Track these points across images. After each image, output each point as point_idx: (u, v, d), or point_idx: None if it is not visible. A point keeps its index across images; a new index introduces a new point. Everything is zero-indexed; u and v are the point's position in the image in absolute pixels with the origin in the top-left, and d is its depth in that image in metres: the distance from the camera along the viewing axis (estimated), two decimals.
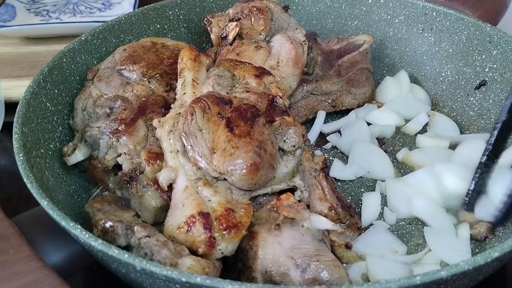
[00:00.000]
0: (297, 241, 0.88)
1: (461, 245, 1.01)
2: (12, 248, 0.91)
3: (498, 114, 1.25)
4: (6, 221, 0.97)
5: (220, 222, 0.86)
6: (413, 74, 1.47)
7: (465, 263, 0.74)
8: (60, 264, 1.05)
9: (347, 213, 1.01)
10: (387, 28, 1.49)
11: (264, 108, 1.03)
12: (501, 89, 1.27)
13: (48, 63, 1.16)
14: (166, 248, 0.83)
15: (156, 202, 0.97)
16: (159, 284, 0.77)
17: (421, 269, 0.97)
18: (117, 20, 1.35)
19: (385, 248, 1.02)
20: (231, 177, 0.92)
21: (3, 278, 0.86)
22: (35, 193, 0.88)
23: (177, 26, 1.46)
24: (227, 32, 1.28)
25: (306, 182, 1.03)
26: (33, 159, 0.99)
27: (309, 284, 0.84)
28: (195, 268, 0.81)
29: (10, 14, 1.71)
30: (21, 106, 1.05)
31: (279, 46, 1.25)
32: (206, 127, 0.96)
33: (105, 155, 1.06)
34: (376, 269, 0.97)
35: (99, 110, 1.11)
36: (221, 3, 1.49)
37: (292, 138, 1.02)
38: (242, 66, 1.14)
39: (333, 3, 1.53)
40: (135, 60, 1.21)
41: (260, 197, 0.99)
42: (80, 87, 1.22)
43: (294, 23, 1.34)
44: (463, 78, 1.36)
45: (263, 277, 0.86)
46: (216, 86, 1.07)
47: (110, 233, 0.86)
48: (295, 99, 1.30)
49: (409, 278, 0.72)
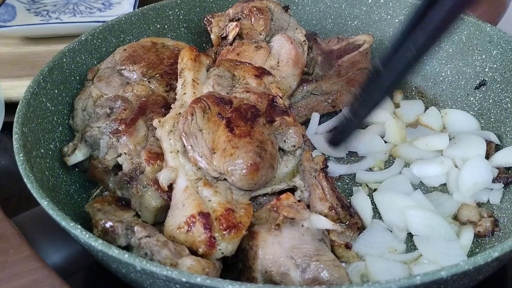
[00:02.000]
0: (297, 241, 0.88)
1: (453, 248, 1.01)
2: (12, 248, 0.91)
3: (498, 114, 1.26)
4: (6, 221, 0.97)
5: (220, 222, 0.86)
6: (412, 74, 1.47)
7: (465, 263, 0.74)
8: (60, 264, 1.04)
9: (347, 213, 1.01)
10: (387, 28, 1.49)
11: (264, 108, 1.03)
12: (501, 89, 1.27)
13: (48, 63, 1.16)
14: (166, 248, 0.83)
15: (156, 202, 0.97)
16: (159, 284, 0.77)
17: (421, 268, 0.97)
18: (117, 20, 1.35)
19: (384, 247, 1.02)
20: (231, 177, 0.92)
21: (3, 278, 0.86)
22: (35, 193, 0.88)
23: (177, 26, 1.46)
24: (227, 32, 1.28)
25: (306, 182, 1.03)
26: (33, 159, 0.99)
27: (309, 284, 0.84)
28: (196, 268, 0.81)
29: (10, 14, 1.71)
30: (21, 106, 1.05)
31: (279, 46, 1.25)
32: (206, 127, 0.96)
33: (105, 155, 1.06)
34: (375, 269, 0.97)
35: (99, 110, 1.11)
36: (221, 3, 1.49)
37: (292, 138, 1.02)
38: (242, 66, 1.14)
39: (333, 3, 1.53)
40: (135, 60, 1.21)
41: (260, 197, 0.99)
42: (80, 87, 1.22)
43: (294, 23, 1.34)
44: (463, 78, 1.36)
45: (263, 277, 0.86)
46: (216, 86, 1.07)
47: (110, 233, 0.86)
48: (295, 99, 1.30)
49: (409, 278, 0.72)
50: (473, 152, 1.17)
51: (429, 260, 1.00)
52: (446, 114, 1.32)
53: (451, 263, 0.75)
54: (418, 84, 1.45)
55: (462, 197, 1.12)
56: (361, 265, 0.99)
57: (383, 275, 0.96)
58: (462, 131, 1.26)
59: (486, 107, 1.30)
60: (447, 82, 1.40)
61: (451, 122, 1.30)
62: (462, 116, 1.31)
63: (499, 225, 1.07)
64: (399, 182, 1.16)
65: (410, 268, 0.99)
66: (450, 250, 1.00)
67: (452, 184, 1.15)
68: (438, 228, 1.04)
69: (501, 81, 1.27)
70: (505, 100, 1.25)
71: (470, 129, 1.28)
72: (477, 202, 1.12)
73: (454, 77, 1.38)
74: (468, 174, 1.13)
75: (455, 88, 1.38)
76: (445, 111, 1.33)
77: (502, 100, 1.26)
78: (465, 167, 1.14)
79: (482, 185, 1.12)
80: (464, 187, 1.12)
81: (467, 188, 1.11)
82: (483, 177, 1.12)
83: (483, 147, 1.18)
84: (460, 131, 1.26)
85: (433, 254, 1.00)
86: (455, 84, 1.38)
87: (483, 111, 1.31)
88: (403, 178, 1.17)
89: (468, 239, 1.04)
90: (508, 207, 1.10)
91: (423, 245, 1.01)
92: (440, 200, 1.12)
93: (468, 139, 1.21)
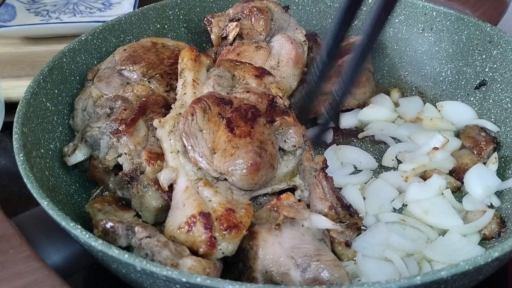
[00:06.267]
0: (297, 241, 0.88)
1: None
2: (12, 249, 0.91)
3: (498, 114, 1.26)
4: (6, 221, 0.97)
5: (220, 222, 0.86)
6: (413, 74, 1.47)
7: (466, 263, 0.74)
8: (60, 264, 1.05)
9: (347, 213, 1.01)
10: (387, 28, 1.49)
11: (265, 108, 1.03)
12: (501, 89, 1.27)
13: (48, 63, 1.16)
14: (167, 248, 0.83)
15: (157, 202, 0.97)
16: (159, 284, 0.77)
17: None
18: (117, 20, 1.35)
19: (383, 247, 1.01)
20: (231, 177, 0.92)
21: (3, 278, 0.86)
22: (35, 193, 0.88)
23: (177, 26, 1.46)
24: (227, 32, 1.28)
25: (306, 182, 1.03)
26: (33, 159, 0.99)
27: (310, 284, 0.84)
28: (196, 268, 0.81)
29: (10, 14, 1.71)
30: (21, 106, 1.05)
31: (279, 46, 1.25)
32: (207, 128, 0.96)
33: (105, 155, 1.06)
34: (366, 268, 0.97)
35: (100, 110, 1.11)
36: (221, 3, 1.49)
37: (292, 138, 1.02)
38: (242, 66, 1.14)
39: (333, 3, 1.53)
40: (135, 60, 1.21)
41: (261, 197, 0.99)
42: (80, 87, 1.22)
43: (294, 23, 1.34)
44: (463, 78, 1.36)
45: (263, 277, 0.86)
46: (216, 87, 1.07)
47: (111, 234, 0.86)
48: (295, 99, 1.30)
49: (409, 278, 0.72)
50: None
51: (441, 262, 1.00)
52: (442, 107, 1.34)
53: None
54: (418, 84, 1.45)
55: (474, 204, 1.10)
56: (353, 265, 0.99)
57: (375, 275, 0.96)
58: (460, 121, 1.30)
59: (486, 107, 1.30)
60: (447, 82, 1.40)
61: (449, 114, 1.33)
62: (458, 107, 1.34)
63: (506, 225, 1.06)
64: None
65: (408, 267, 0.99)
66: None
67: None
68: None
69: (501, 81, 1.27)
70: (505, 100, 1.25)
71: (466, 118, 1.31)
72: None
73: (454, 77, 1.38)
74: (475, 182, 1.12)
75: (455, 88, 1.38)
76: (440, 104, 1.35)
77: (502, 100, 1.26)
78: (468, 178, 1.14)
79: (493, 189, 1.11)
80: (477, 194, 1.11)
81: (480, 194, 1.10)
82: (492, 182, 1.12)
83: None
84: (458, 121, 1.30)
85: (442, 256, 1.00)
86: (455, 84, 1.38)
87: (483, 111, 1.31)
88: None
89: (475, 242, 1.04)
90: (508, 207, 1.10)
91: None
92: None
93: None
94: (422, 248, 1.01)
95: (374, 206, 1.11)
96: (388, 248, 1.00)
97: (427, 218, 1.07)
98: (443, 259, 0.99)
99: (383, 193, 1.14)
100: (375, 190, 1.14)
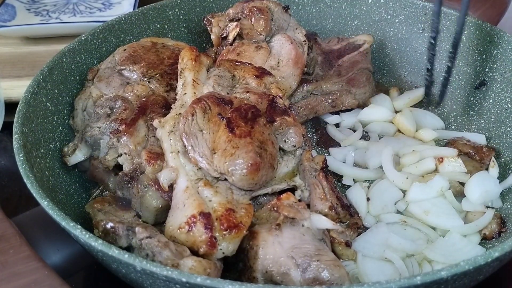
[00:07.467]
0: (297, 241, 0.88)
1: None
2: (12, 248, 0.91)
3: (498, 114, 1.26)
4: (6, 221, 0.97)
5: (221, 222, 0.86)
6: (413, 74, 1.47)
7: (466, 263, 0.74)
8: (60, 264, 1.05)
9: (347, 213, 1.01)
10: (387, 28, 1.49)
11: (265, 108, 1.03)
12: (501, 89, 1.27)
13: (48, 63, 1.16)
14: (167, 249, 0.83)
15: (157, 202, 0.97)
16: (159, 284, 0.77)
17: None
18: (117, 20, 1.35)
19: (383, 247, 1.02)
20: (231, 177, 0.92)
21: (3, 278, 0.86)
22: (35, 193, 0.88)
23: (177, 26, 1.46)
24: (228, 32, 1.27)
25: (307, 182, 1.03)
26: (33, 159, 0.99)
27: (310, 284, 0.84)
28: (197, 268, 0.81)
29: (10, 14, 1.71)
30: (21, 106, 1.05)
31: (279, 46, 1.25)
32: (207, 128, 0.96)
33: (105, 155, 1.06)
34: (366, 269, 0.98)
35: (100, 110, 1.11)
36: (221, 3, 1.49)
37: (292, 138, 1.02)
38: (243, 66, 1.14)
39: (333, 3, 1.53)
40: (135, 60, 1.21)
41: (261, 197, 0.99)
42: (80, 87, 1.22)
43: (294, 23, 1.34)
44: (463, 78, 1.36)
45: (263, 277, 0.86)
46: (216, 87, 1.07)
47: (112, 234, 0.86)
48: (295, 99, 1.30)
49: (409, 278, 0.72)
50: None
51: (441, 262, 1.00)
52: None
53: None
54: (419, 84, 1.45)
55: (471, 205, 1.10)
56: (353, 265, 0.99)
57: (375, 275, 0.96)
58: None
59: (486, 107, 1.30)
60: None
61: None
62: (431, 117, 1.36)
63: (506, 225, 1.06)
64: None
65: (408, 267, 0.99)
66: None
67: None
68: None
69: (501, 81, 1.27)
70: (505, 100, 1.25)
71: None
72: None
73: (454, 77, 1.38)
74: (475, 187, 1.11)
75: (455, 88, 1.38)
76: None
77: (502, 100, 1.26)
78: (470, 183, 1.13)
79: (492, 196, 1.11)
80: (473, 198, 1.10)
81: (476, 198, 1.10)
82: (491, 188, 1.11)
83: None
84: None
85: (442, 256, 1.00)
86: (455, 84, 1.38)
87: (483, 111, 1.31)
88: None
89: (475, 242, 1.04)
90: (508, 207, 1.10)
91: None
92: None
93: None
94: (423, 248, 1.01)
95: (378, 207, 1.11)
96: (388, 249, 1.01)
97: (428, 218, 1.07)
98: (443, 259, 0.99)
99: (388, 194, 1.13)
100: (379, 190, 1.14)
